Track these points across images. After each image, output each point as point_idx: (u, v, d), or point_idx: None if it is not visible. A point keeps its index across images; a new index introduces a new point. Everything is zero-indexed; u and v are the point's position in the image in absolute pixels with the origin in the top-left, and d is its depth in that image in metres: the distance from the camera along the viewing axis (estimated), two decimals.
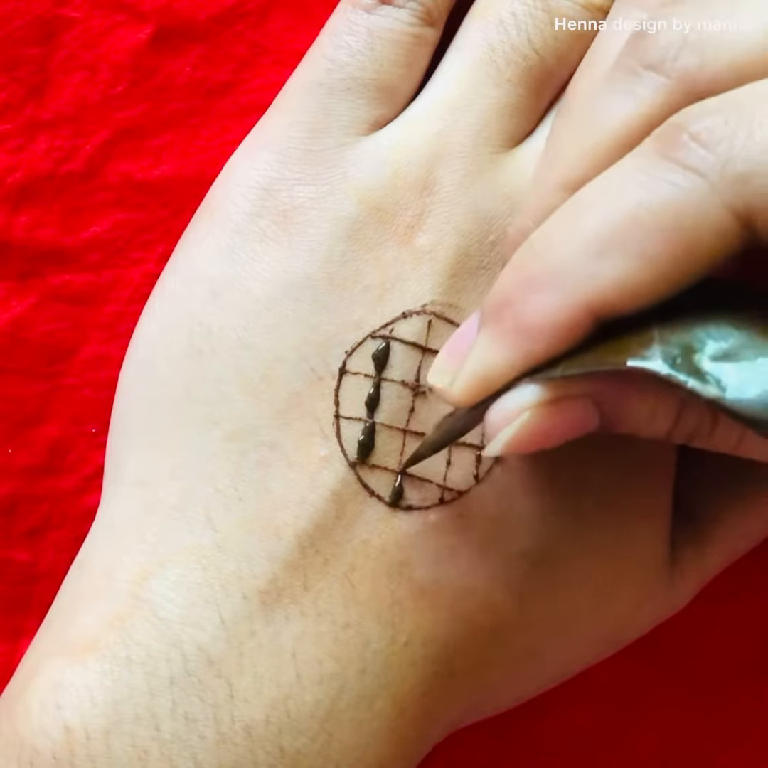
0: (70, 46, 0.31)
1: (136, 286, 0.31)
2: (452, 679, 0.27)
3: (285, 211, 0.27)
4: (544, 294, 0.22)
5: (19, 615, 0.31)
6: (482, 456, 0.25)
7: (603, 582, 0.28)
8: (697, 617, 0.31)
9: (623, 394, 0.23)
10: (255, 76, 0.32)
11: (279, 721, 0.25)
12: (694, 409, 0.23)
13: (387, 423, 0.27)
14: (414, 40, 0.28)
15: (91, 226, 0.31)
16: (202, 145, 0.32)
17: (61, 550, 0.31)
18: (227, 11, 0.32)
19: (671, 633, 0.31)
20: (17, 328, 0.31)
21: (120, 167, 0.31)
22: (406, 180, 0.27)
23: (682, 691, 0.33)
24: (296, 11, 0.32)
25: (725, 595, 0.32)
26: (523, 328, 0.23)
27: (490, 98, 0.28)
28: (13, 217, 0.31)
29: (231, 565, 0.26)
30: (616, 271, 0.22)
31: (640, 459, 0.28)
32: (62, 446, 0.31)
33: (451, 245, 0.27)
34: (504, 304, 0.23)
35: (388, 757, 0.26)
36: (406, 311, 0.27)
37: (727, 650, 0.33)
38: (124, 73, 0.31)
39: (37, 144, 0.31)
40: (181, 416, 0.27)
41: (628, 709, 0.33)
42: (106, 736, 0.24)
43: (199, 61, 0.32)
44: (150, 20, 0.32)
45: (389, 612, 0.26)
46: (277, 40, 0.32)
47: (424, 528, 0.26)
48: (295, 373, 0.27)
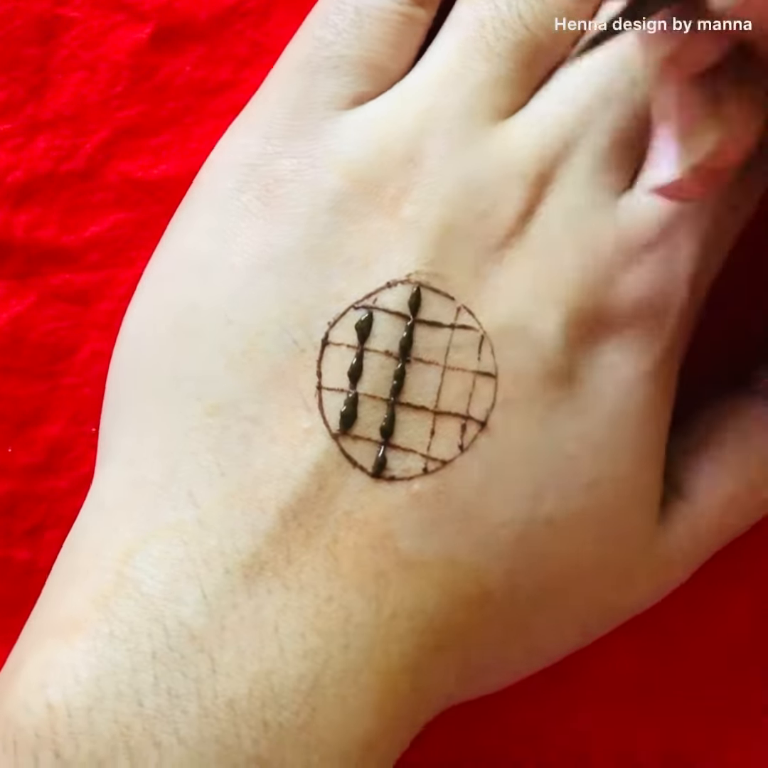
0: (70, 46, 0.31)
1: (136, 286, 0.31)
2: (439, 653, 0.26)
3: (267, 185, 0.27)
4: None
5: (18, 614, 0.31)
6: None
7: (590, 555, 0.27)
8: (697, 617, 0.31)
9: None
10: (255, 75, 0.32)
11: (262, 695, 0.25)
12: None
13: (370, 393, 0.27)
14: (403, 19, 0.28)
15: (91, 226, 0.31)
16: (203, 145, 0.31)
17: (60, 549, 0.31)
18: (227, 11, 0.32)
19: (671, 633, 0.31)
20: (17, 327, 0.31)
21: (120, 167, 0.31)
22: (391, 153, 0.27)
23: (682, 691, 0.33)
24: (297, 11, 0.32)
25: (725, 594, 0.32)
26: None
27: (479, 72, 0.28)
28: (13, 216, 0.31)
29: (213, 540, 0.26)
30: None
31: (630, 431, 0.27)
32: (62, 446, 0.31)
33: (438, 215, 0.27)
34: None
35: (374, 733, 0.26)
36: (391, 281, 0.27)
37: (727, 650, 0.33)
38: (124, 72, 0.31)
39: (37, 144, 0.31)
40: (167, 394, 0.27)
41: (628, 710, 0.32)
42: (88, 713, 0.24)
43: (199, 61, 0.32)
44: (150, 20, 0.32)
45: (373, 584, 0.26)
46: (278, 39, 0.32)
47: (407, 499, 0.26)
48: (277, 346, 0.27)
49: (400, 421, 0.27)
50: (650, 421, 0.28)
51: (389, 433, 0.26)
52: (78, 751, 0.24)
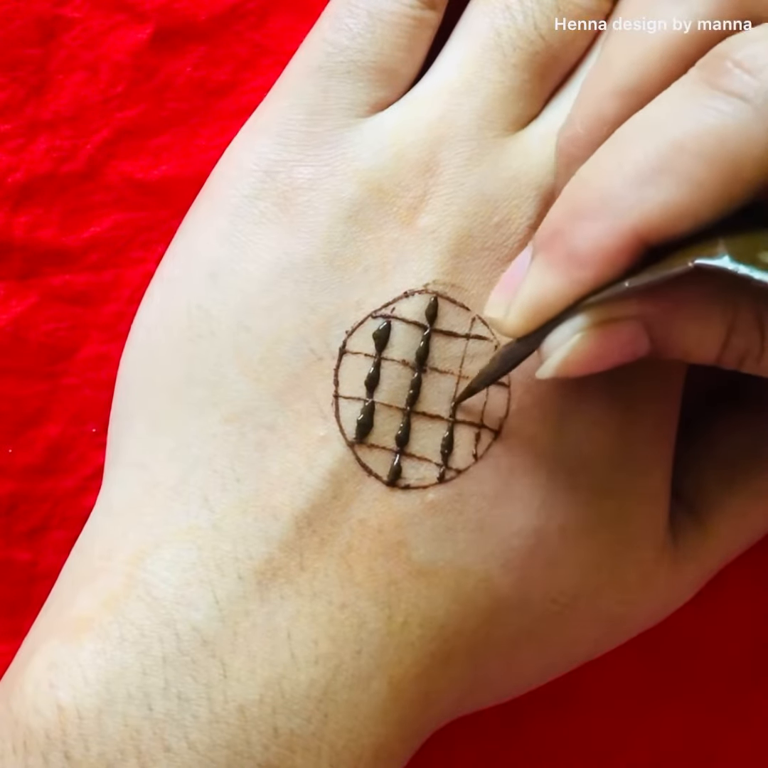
0: (70, 46, 0.31)
1: (136, 286, 0.31)
2: (450, 661, 0.27)
3: (284, 192, 0.27)
4: (592, 221, 0.23)
5: (19, 615, 0.31)
6: (536, 376, 0.25)
7: (601, 565, 0.28)
8: (696, 618, 0.31)
9: (672, 317, 0.24)
10: (255, 76, 0.32)
11: (273, 701, 0.25)
12: (742, 333, 0.24)
13: (386, 402, 0.27)
14: (415, 23, 0.28)
15: (91, 226, 0.31)
16: (203, 145, 0.32)
17: (61, 550, 0.31)
18: (227, 11, 0.32)
19: (671, 634, 0.31)
20: (17, 328, 0.31)
21: (120, 167, 0.31)
22: (408, 162, 0.27)
23: (682, 693, 0.33)
24: (296, 11, 0.32)
25: (725, 595, 0.32)
26: (573, 256, 0.23)
27: (494, 83, 0.28)
28: (13, 217, 0.31)
29: (227, 545, 0.26)
30: (663, 195, 0.22)
31: (639, 442, 0.28)
32: (62, 446, 0.31)
33: (455, 226, 0.27)
34: (554, 234, 0.23)
35: (384, 739, 0.26)
36: (408, 290, 0.27)
37: (727, 651, 0.33)
38: (124, 73, 0.31)
39: (37, 144, 0.31)
40: (180, 399, 0.27)
41: (628, 710, 0.33)
42: (99, 715, 0.24)
43: (199, 61, 0.32)
44: (150, 20, 0.31)
45: (386, 592, 0.26)
46: (278, 40, 0.32)
47: (421, 507, 0.26)
48: (295, 354, 0.27)
49: (416, 430, 0.27)
50: (660, 427, 0.28)
51: (404, 442, 0.27)
52: (88, 753, 0.24)
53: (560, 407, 0.27)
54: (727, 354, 0.24)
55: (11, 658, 0.27)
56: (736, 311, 0.23)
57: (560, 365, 0.24)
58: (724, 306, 0.23)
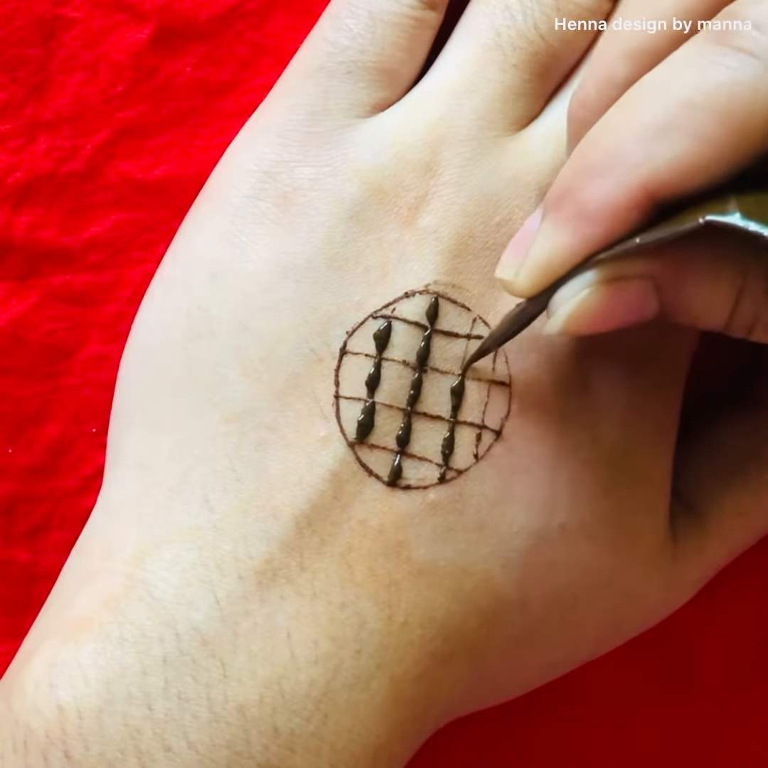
0: (70, 46, 0.31)
1: (137, 286, 0.31)
2: (450, 661, 0.27)
3: (285, 193, 0.27)
4: (601, 179, 0.23)
5: (19, 615, 0.31)
6: (544, 332, 0.25)
7: (602, 565, 0.28)
8: (696, 618, 0.31)
9: (681, 277, 0.23)
10: (255, 76, 0.32)
11: (273, 701, 0.25)
12: (752, 299, 0.23)
13: (387, 402, 0.27)
14: (415, 23, 0.28)
15: (91, 226, 0.31)
16: (203, 145, 0.32)
17: (61, 550, 0.31)
18: (227, 11, 0.32)
19: (671, 634, 0.31)
20: (17, 328, 0.31)
21: (120, 167, 0.31)
22: (408, 162, 0.27)
23: (682, 693, 0.33)
24: (297, 11, 0.32)
25: (725, 595, 0.32)
26: (583, 214, 0.23)
27: (494, 83, 0.28)
28: (13, 217, 0.31)
29: (227, 545, 0.26)
30: (672, 151, 0.22)
31: (639, 442, 0.28)
32: (62, 446, 0.31)
33: (456, 226, 0.27)
34: (564, 193, 0.23)
35: (384, 739, 0.26)
36: (409, 291, 0.27)
37: (727, 651, 0.33)
38: (124, 73, 0.31)
39: (37, 144, 0.31)
40: (180, 399, 0.27)
41: (627, 710, 0.33)
42: (99, 715, 0.24)
43: (199, 61, 0.32)
44: (150, 20, 0.31)
45: (386, 592, 0.26)
46: (278, 40, 0.32)
47: (422, 508, 0.26)
48: (295, 354, 0.27)
49: (416, 430, 0.27)
50: (660, 428, 0.28)
51: (405, 442, 0.27)
52: (88, 753, 0.24)
53: (561, 408, 0.27)
54: (735, 320, 0.24)
55: (11, 658, 0.27)
56: (745, 276, 0.23)
57: (568, 320, 0.23)
58: (733, 269, 0.23)
